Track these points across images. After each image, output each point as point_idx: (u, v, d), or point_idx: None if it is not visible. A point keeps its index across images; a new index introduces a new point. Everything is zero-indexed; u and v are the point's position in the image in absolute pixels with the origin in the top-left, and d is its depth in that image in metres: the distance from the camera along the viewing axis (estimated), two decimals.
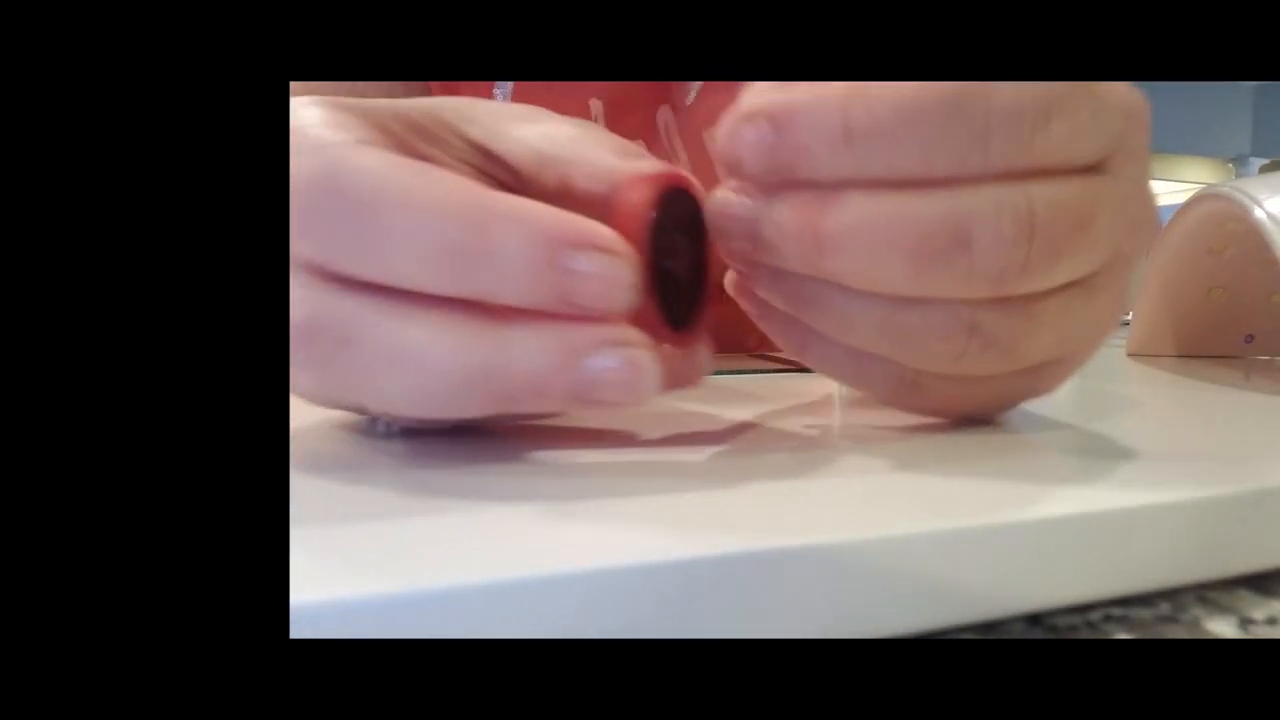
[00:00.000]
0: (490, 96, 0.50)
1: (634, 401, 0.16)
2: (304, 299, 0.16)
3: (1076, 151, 0.18)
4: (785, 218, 0.18)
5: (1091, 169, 0.18)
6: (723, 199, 0.19)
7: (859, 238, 0.17)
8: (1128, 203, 0.19)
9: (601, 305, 0.15)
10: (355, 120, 0.18)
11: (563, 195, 0.19)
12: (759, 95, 0.18)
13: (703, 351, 0.20)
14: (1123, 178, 0.18)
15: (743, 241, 0.19)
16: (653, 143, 0.54)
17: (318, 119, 0.17)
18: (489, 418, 0.19)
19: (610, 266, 0.15)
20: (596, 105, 0.52)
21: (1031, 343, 0.19)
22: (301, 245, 0.16)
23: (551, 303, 0.15)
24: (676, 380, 0.19)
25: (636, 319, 0.16)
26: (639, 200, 0.18)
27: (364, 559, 0.11)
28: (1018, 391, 0.21)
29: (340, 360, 0.16)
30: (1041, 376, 0.21)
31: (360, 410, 0.19)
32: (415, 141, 0.19)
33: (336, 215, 0.16)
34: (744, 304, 0.21)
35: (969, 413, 0.22)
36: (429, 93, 0.50)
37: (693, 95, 0.55)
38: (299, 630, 0.10)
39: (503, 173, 0.21)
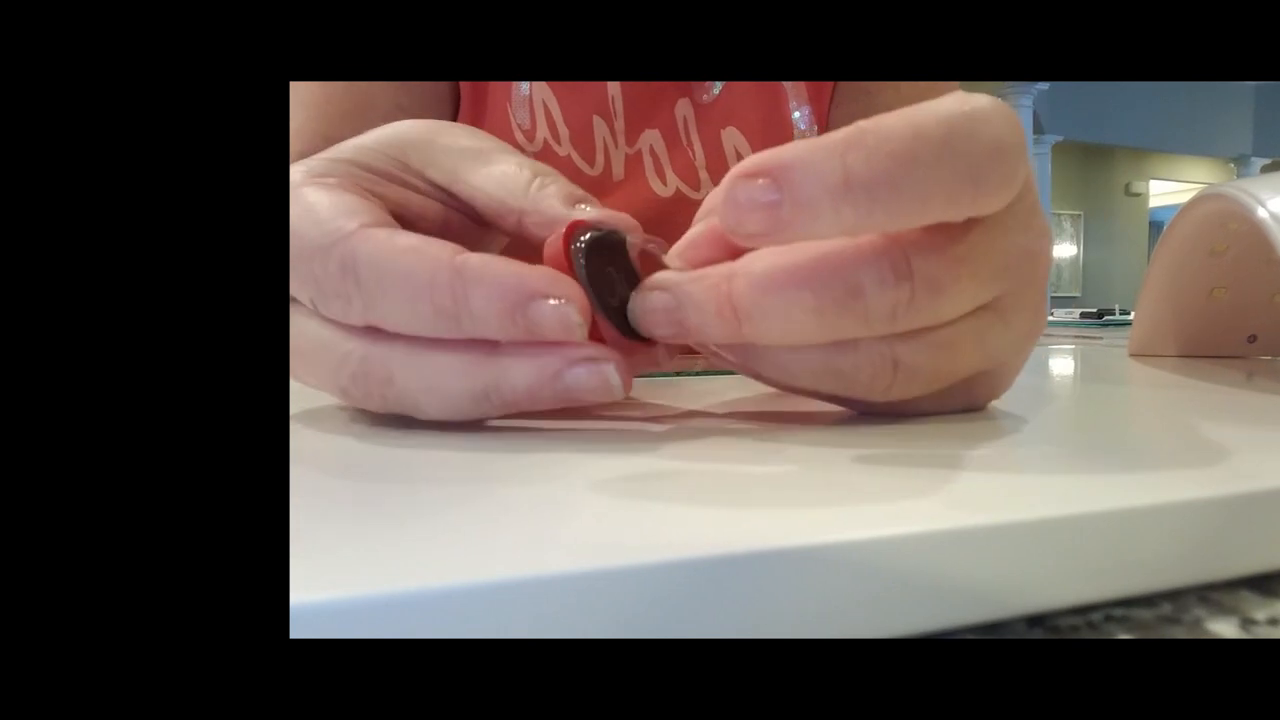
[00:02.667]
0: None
1: (607, 399, 0.20)
2: (352, 351, 0.21)
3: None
4: (701, 299, 0.19)
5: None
6: (641, 298, 0.20)
7: (767, 300, 0.18)
8: (1013, 234, 0.19)
9: (561, 336, 0.19)
10: (355, 202, 0.21)
11: (519, 235, 0.23)
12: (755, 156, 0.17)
13: (660, 349, 0.22)
14: (1004, 212, 0.19)
15: (674, 329, 0.20)
16: (670, 137, 0.55)
17: (327, 205, 0.21)
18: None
19: (561, 309, 0.19)
20: (614, 88, 0.53)
21: (954, 365, 0.20)
22: (341, 310, 0.21)
23: (525, 337, 0.19)
24: (645, 365, 0.22)
25: (596, 335, 0.20)
26: (570, 247, 0.21)
27: (363, 559, 0.11)
28: (953, 400, 0.23)
29: (388, 393, 0.21)
30: (974, 387, 0.23)
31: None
32: (390, 188, 0.23)
33: (359, 290, 0.20)
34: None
35: (908, 414, 0.23)
36: (458, 91, 0.52)
37: (714, 93, 0.55)
38: (299, 630, 0.10)
39: (467, 211, 0.24)
